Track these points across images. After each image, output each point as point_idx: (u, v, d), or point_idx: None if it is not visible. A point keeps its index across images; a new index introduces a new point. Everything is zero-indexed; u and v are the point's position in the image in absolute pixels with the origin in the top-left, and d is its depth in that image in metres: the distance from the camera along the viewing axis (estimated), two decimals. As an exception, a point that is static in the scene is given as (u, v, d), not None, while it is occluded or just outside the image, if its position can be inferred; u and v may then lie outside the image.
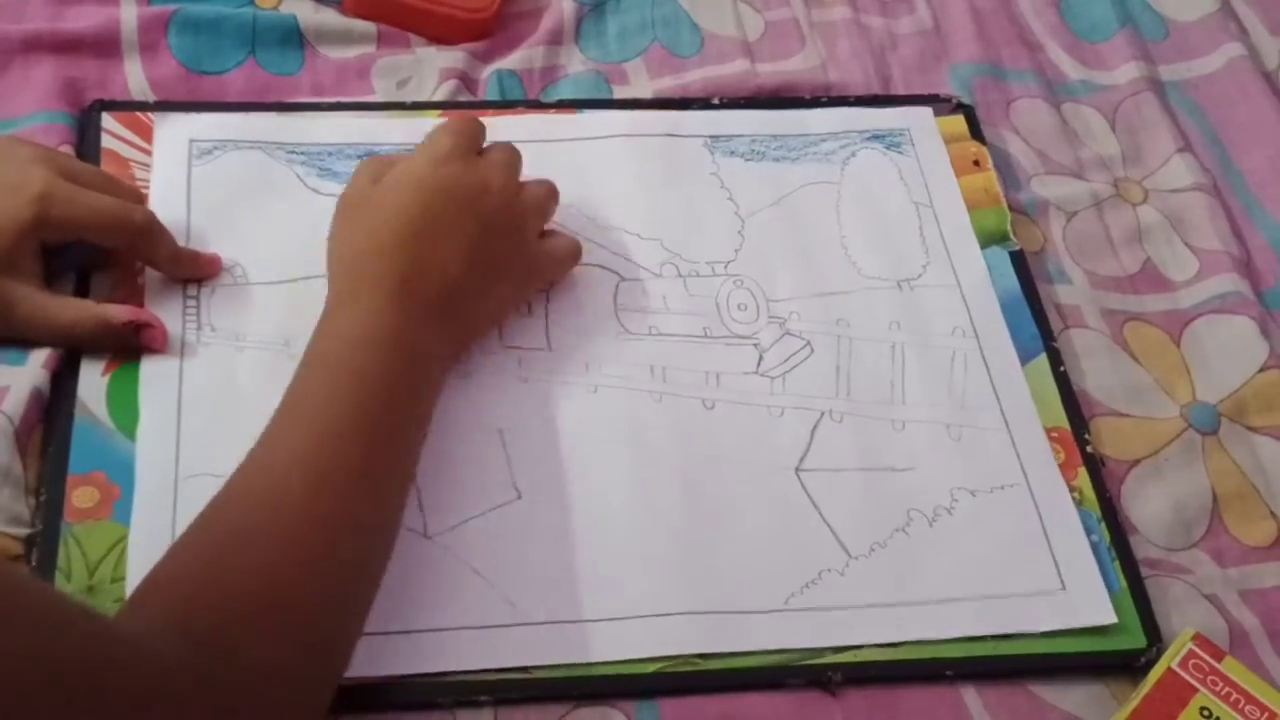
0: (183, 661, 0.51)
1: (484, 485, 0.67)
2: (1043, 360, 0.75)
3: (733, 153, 0.81)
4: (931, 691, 0.64)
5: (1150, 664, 0.64)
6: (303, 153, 0.77)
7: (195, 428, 0.66)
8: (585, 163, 0.79)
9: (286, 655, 0.55)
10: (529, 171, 0.72)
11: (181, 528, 0.57)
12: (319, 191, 0.75)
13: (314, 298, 0.66)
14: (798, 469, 0.69)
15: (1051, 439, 0.72)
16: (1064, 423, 0.73)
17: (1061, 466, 0.71)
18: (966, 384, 0.74)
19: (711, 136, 0.82)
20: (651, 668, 0.63)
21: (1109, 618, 0.66)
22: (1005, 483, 0.71)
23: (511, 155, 0.72)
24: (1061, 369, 0.75)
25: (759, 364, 0.73)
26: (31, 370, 0.66)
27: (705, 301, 0.75)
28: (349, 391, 0.61)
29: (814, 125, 0.83)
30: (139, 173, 0.75)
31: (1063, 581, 0.68)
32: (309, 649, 0.57)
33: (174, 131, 0.76)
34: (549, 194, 0.73)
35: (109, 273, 0.70)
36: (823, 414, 0.71)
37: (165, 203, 0.73)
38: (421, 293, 0.65)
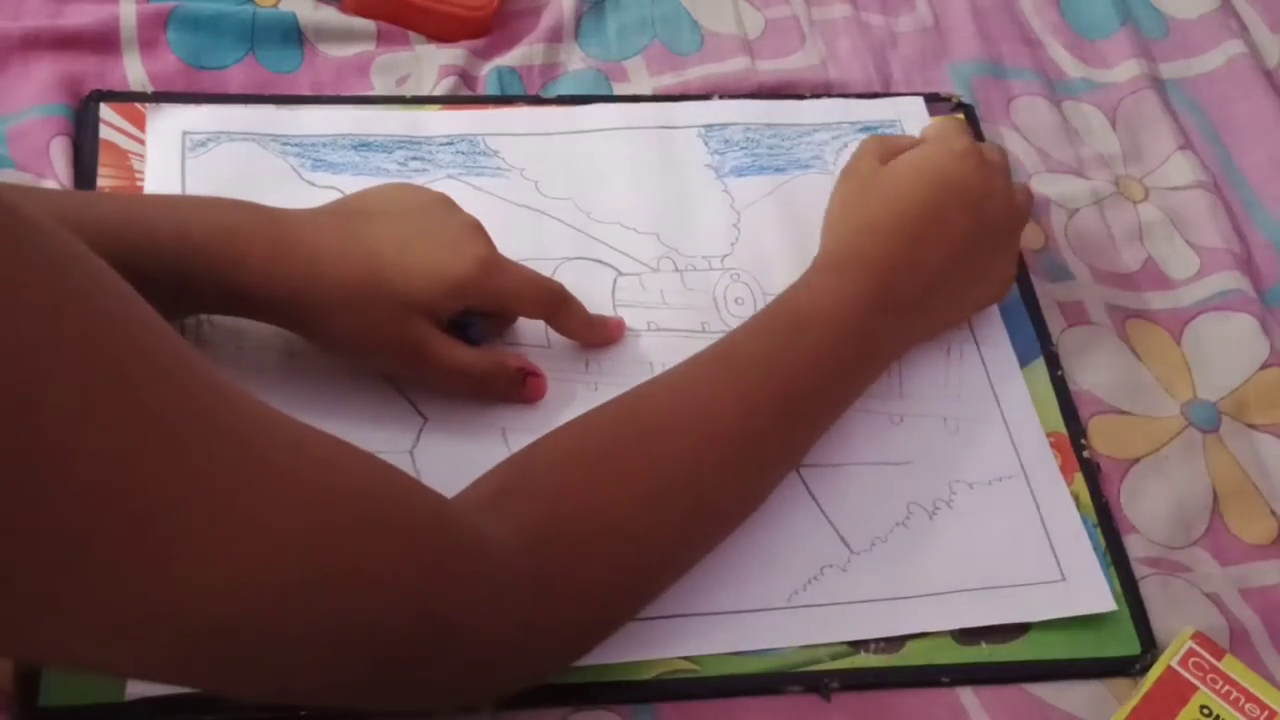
0: (524, 565, 0.54)
1: None
2: (1040, 364, 0.75)
3: (727, 141, 0.81)
4: (929, 695, 0.64)
5: (1145, 670, 0.64)
6: (297, 144, 0.77)
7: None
8: (581, 156, 0.79)
9: (620, 593, 0.59)
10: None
11: None
12: (314, 184, 0.75)
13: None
14: (798, 465, 0.69)
15: (1048, 444, 0.72)
16: (1061, 428, 0.73)
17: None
18: (963, 376, 0.74)
19: (705, 126, 0.82)
20: (650, 672, 0.62)
21: (1108, 605, 0.66)
22: (1003, 474, 0.70)
23: (1006, 158, 0.73)
24: (1059, 373, 0.75)
25: (757, 359, 0.73)
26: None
27: (703, 296, 0.75)
28: (790, 363, 0.64)
29: (807, 116, 0.83)
30: (136, 164, 0.75)
31: (1061, 571, 0.67)
32: (640, 597, 0.61)
33: (167, 124, 0.76)
34: (1030, 200, 0.75)
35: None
36: (821, 409, 0.71)
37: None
38: (904, 284, 0.67)
